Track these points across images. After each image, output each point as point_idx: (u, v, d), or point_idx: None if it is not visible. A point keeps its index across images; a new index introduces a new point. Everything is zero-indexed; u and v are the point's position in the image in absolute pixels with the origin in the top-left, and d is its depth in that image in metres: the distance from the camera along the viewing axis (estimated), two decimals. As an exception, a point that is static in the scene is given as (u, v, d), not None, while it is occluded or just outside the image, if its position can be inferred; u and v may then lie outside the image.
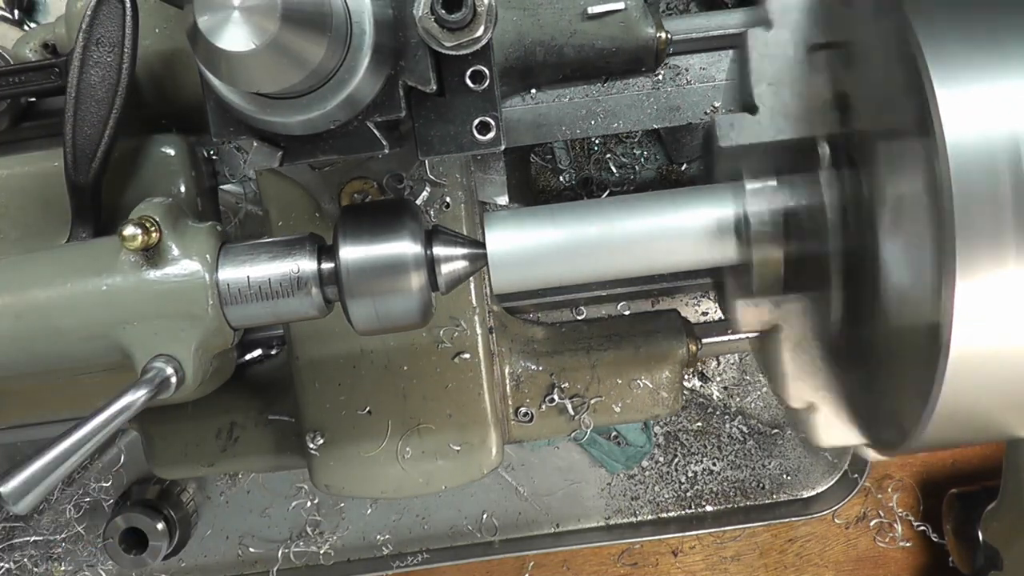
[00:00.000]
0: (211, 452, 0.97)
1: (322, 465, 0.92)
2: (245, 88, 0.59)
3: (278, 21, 0.53)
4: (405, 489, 0.92)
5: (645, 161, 1.25)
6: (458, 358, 0.91)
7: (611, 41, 0.84)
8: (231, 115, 0.63)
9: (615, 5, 0.83)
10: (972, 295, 0.54)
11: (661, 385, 0.97)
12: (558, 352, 0.97)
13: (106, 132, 0.77)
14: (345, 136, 0.64)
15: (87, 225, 0.79)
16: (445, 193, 0.88)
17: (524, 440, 0.99)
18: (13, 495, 0.58)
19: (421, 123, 0.66)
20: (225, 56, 0.54)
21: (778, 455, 1.32)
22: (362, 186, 0.86)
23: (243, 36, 0.53)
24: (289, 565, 1.32)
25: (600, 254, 0.75)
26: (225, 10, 0.53)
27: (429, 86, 0.64)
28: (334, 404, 0.91)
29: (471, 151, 0.67)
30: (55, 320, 0.69)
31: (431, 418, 0.91)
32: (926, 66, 0.55)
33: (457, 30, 0.60)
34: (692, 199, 0.76)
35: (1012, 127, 0.54)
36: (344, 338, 0.88)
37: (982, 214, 0.53)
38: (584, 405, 0.97)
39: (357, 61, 0.60)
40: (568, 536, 1.32)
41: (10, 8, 1.14)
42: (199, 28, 0.53)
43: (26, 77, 0.82)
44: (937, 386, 0.57)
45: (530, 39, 0.84)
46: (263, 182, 0.88)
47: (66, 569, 1.32)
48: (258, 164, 0.64)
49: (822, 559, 1.38)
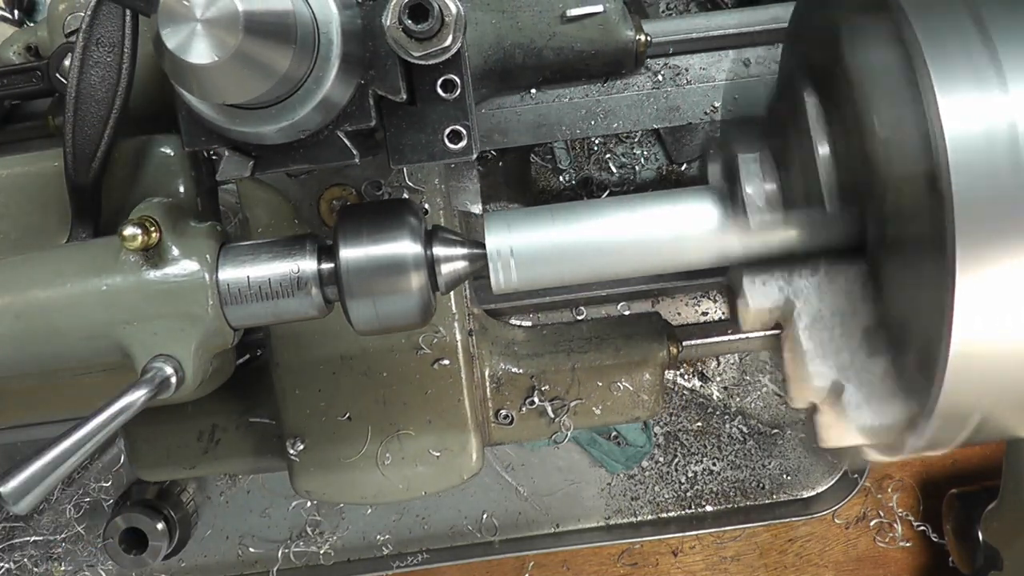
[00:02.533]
0: (193, 454, 0.97)
1: (302, 471, 0.93)
2: (212, 99, 0.59)
3: (240, 33, 0.53)
4: (385, 495, 0.93)
5: (645, 161, 1.25)
6: (437, 364, 0.91)
7: (590, 44, 0.84)
8: (202, 125, 0.63)
9: (594, 8, 0.83)
10: (972, 295, 0.54)
11: (642, 388, 0.97)
12: (538, 354, 0.98)
13: (106, 132, 0.77)
14: (316, 145, 0.64)
15: (87, 225, 0.79)
16: (424, 200, 0.88)
17: (505, 442, 1.00)
18: (13, 495, 0.58)
19: (393, 132, 0.66)
20: (190, 68, 0.54)
21: (778, 455, 1.32)
22: (341, 192, 0.86)
23: (206, 49, 0.53)
24: (289, 565, 1.31)
25: (600, 254, 0.75)
26: (188, 23, 0.53)
27: (399, 95, 0.64)
28: (314, 410, 0.91)
29: (443, 160, 0.67)
30: (55, 320, 0.69)
31: (411, 424, 0.92)
32: (926, 66, 0.55)
33: (425, 40, 0.60)
34: (692, 198, 0.76)
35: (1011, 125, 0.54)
36: (324, 344, 0.89)
37: (982, 213, 0.53)
38: (564, 407, 0.97)
39: (325, 71, 0.60)
40: (568, 536, 1.32)
41: (10, 8, 1.14)
42: (163, 41, 0.54)
43: (9, 80, 0.83)
44: (937, 386, 0.57)
45: (509, 42, 0.84)
46: (243, 188, 0.88)
47: (66, 569, 1.32)
48: (230, 173, 0.65)
49: (822, 559, 1.38)
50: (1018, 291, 0.54)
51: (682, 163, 1.25)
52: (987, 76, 0.55)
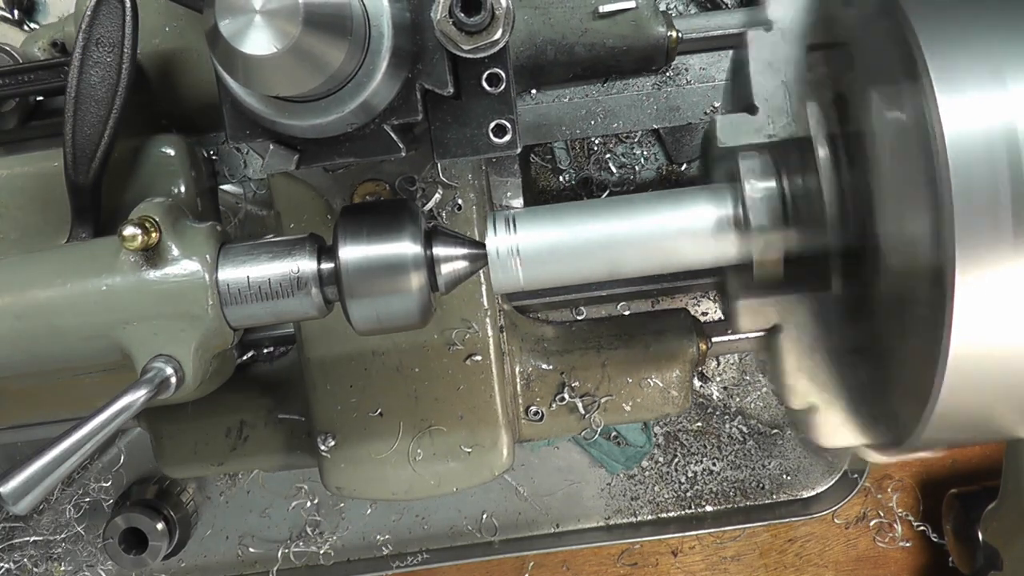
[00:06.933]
0: (220, 451, 0.97)
1: (333, 467, 0.92)
2: (264, 91, 0.59)
3: (300, 25, 0.53)
4: (416, 491, 0.92)
5: (645, 161, 1.25)
6: (470, 360, 0.90)
7: (622, 40, 0.84)
8: (247, 118, 0.62)
9: (626, 4, 0.83)
10: (972, 295, 0.54)
11: (671, 384, 0.97)
12: (568, 351, 0.97)
13: (106, 132, 0.77)
14: (362, 139, 0.64)
15: (87, 225, 0.79)
16: (457, 195, 0.88)
17: (535, 439, 0.99)
18: (13, 495, 0.58)
19: (437, 126, 0.66)
20: (245, 60, 0.54)
21: (778, 455, 1.32)
22: (374, 188, 0.86)
23: (264, 40, 0.53)
24: (289, 565, 1.31)
25: (600, 254, 0.75)
26: (247, 14, 0.53)
27: (446, 89, 0.64)
28: (345, 406, 0.91)
29: (487, 154, 0.67)
30: (55, 320, 0.69)
31: (442, 420, 0.91)
32: (925, 65, 0.55)
33: (475, 33, 0.60)
34: (692, 198, 0.76)
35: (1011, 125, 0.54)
36: (355, 339, 0.87)
37: (981, 213, 0.53)
38: (595, 404, 0.96)
39: (375, 64, 0.60)
40: (568, 536, 1.32)
41: (10, 8, 1.14)
42: (220, 32, 0.53)
43: (35, 76, 0.82)
44: (937, 386, 0.57)
45: (541, 38, 0.84)
46: (274, 184, 0.88)
47: (66, 569, 1.32)
48: (274, 167, 0.64)
49: (822, 559, 1.38)
50: (1018, 292, 0.54)
51: (682, 163, 1.25)
52: (987, 76, 0.55)
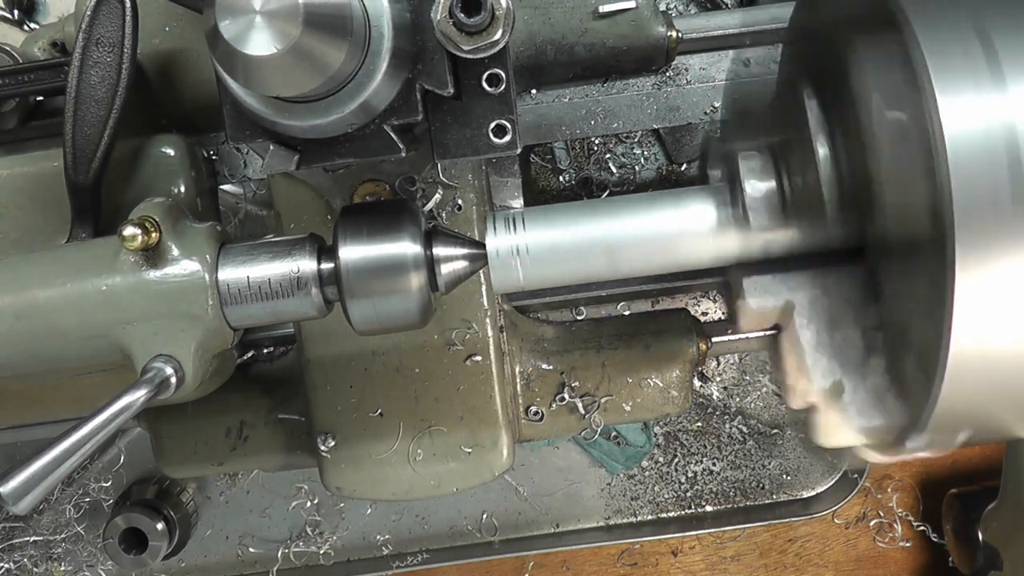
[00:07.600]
0: (220, 451, 0.97)
1: (333, 467, 0.92)
2: (264, 92, 0.59)
3: (300, 25, 0.53)
4: (416, 491, 0.92)
5: (645, 161, 1.25)
6: (470, 360, 0.91)
7: (622, 40, 0.84)
8: (247, 118, 0.62)
9: (626, 4, 0.83)
10: (972, 295, 0.54)
11: (671, 384, 0.97)
12: (568, 351, 0.97)
13: (106, 132, 0.77)
14: (362, 139, 0.64)
15: (87, 225, 0.79)
16: (457, 195, 0.88)
17: (535, 439, 0.99)
18: (13, 495, 0.58)
19: (437, 126, 0.66)
20: (245, 60, 0.54)
21: (778, 455, 1.32)
22: (374, 188, 0.86)
23: (265, 41, 0.53)
24: (289, 565, 1.31)
25: (600, 254, 0.75)
26: (247, 14, 0.53)
27: (446, 89, 0.64)
28: (345, 406, 0.91)
29: (487, 154, 0.67)
30: (55, 320, 0.69)
31: (442, 420, 0.91)
32: (926, 66, 0.55)
33: (475, 33, 0.60)
34: (692, 198, 0.76)
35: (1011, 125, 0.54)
36: (355, 339, 0.87)
37: (982, 213, 0.53)
38: (595, 404, 0.96)
39: (375, 65, 0.60)
40: (568, 536, 1.32)
41: (10, 8, 1.14)
42: (220, 32, 0.53)
43: (35, 76, 0.82)
44: (936, 386, 0.57)
45: (541, 38, 0.84)
46: (274, 184, 0.88)
47: (66, 569, 1.32)
48: (274, 168, 0.64)
49: (822, 559, 1.38)
50: (1018, 291, 0.54)
51: (682, 163, 1.25)
52: (987, 76, 0.55)
